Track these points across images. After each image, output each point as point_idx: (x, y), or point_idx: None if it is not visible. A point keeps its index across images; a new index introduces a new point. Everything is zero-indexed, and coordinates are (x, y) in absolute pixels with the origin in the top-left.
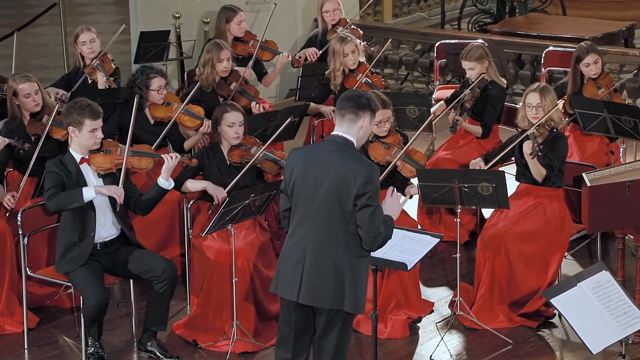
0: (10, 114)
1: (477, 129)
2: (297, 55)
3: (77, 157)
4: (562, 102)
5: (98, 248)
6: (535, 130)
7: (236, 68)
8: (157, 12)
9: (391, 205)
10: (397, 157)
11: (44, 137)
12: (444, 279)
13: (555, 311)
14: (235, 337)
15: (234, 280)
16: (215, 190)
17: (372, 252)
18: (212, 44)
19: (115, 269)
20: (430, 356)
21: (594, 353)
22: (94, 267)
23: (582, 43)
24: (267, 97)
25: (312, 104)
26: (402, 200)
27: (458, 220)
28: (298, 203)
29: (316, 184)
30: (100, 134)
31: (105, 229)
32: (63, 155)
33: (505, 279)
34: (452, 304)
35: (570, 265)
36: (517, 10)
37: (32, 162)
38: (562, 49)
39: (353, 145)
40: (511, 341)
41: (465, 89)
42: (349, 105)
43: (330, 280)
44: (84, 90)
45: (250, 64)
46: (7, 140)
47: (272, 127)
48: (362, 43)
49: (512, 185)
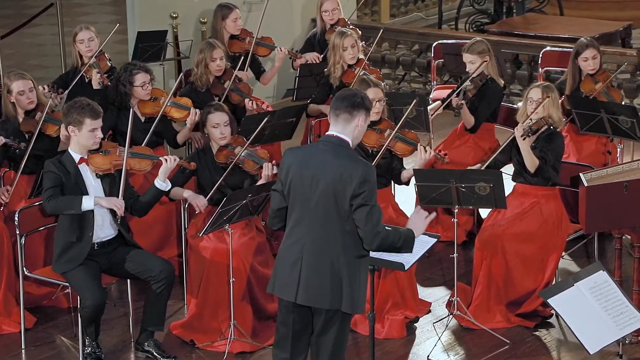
0: (5, 112)
1: (472, 120)
2: (295, 50)
3: (76, 157)
4: (560, 100)
5: (95, 248)
6: (530, 120)
7: (235, 73)
8: (154, 12)
9: (415, 220)
10: (390, 137)
11: (36, 133)
12: (442, 279)
13: (553, 311)
14: (233, 337)
15: (231, 280)
16: (195, 199)
17: (373, 251)
18: (205, 43)
19: (113, 269)
20: (428, 356)
21: (591, 353)
22: (92, 267)
23: (583, 38)
24: (264, 97)
25: (314, 105)
26: (428, 217)
27: (455, 220)
28: (295, 203)
29: (312, 184)
30: (99, 134)
31: (103, 229)
32: (62, 155)
33: (502, 279)
34: (449, 304)
35: (567, 266)
36: (514, 11)
37: (25, 160)
38: (560, 49)
39: (348, 145)
40: (508, 341)
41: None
42: (344, 105)
43: (328, 280)
44: (80, 89)
45: (247, 62)
46: (4, 140)
47: (269, 127)
48: (361, 43)
49: (508, 185)
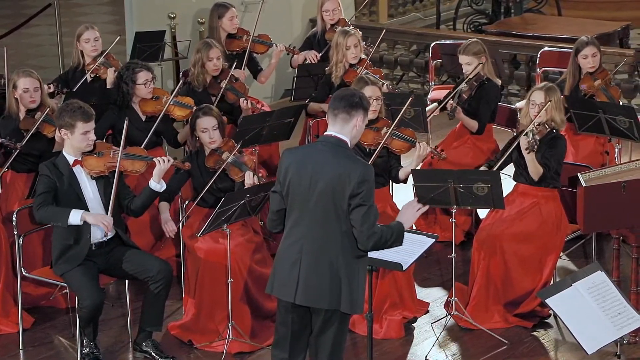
0: (8, 108)
1: (474, 123)
2: (292, 46)
3: (70, 159)
4: None
5: (93, 249)
6: (534, 127)
7: (232, 72)
8: (152, 12)
9: (406, 212)
10: (387, 135)
11: (32, 131)
12: (440, 279)
13: (551, 311)
14: (231, 337)
15: (229, 280)
16: (165, 223)
17: (368, 251)
18: (202, 43)
19: (111, 269)
20: (426, 356)
21: (589, 353)
22: (89, 267)
23: (583, 36)
24: (262, 97)
25: (314, 103)
26: (419, 210)
27: (453, 220)
28: (293, 204)
29: (311, 184)
30: (92, 136)
31: (100, 230)
32: (56, 158)
33: (500, 279)
34: (447, 304)
35: (565, 266)
36: (512, 11)
37: (12, 157)
38: (558, 49)
39: (347, 145)
40: (506, 341)
41: (463, 82)
42: (342, 105)
43: (327, 280)
44: (83, 89)
45: (244, 60)
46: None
47: (267, 128)
48: (362, 44)
49: (508, 185)
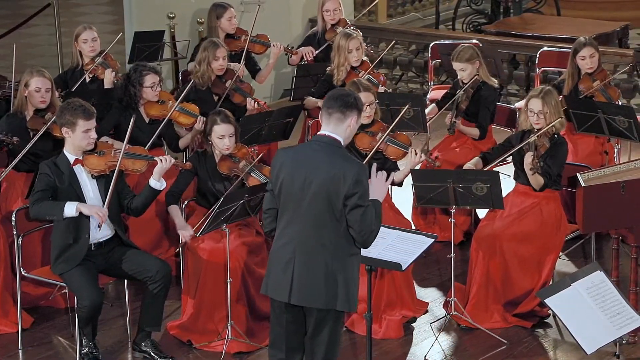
0: (15, 106)
1: (475, 131)
2: (291, 46)
3: (71, 158)
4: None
5: (92, 249)
6: (536, 138)
7: (230, 66)
8: (151, 12)
9: (377, 186)
10: (381, 140)
11: (42, 131)
12: (439, 279)
13: (550, 311)
14: (230, 337)
15: (228, 280)
16: (182, 229)
17: (364, 249)
18: (209, 42)
19: (110, 269)
20: (425, 356)
21: (589, 353)
22: (88, 267)
23: (581, 37)
24: (261, 97)
25: (310, 98)
26: (388, 180)
27: (453, 220)
28: (286, 203)
29: (304, 184)
30: (94, 135)
31: (100, 229)
32: (57, 157)
33: (500, 279)
34: (446, 304)
35: (564, 266)
36: (511, 11)
37: (21, 156)
38: (557, 49)
39: (341, 145)
40: (506, 341)
41: (457, 90)
42: (337, 105)
43: (321, 280)
44: (81, 89)
45: (242, 59)
46: None
47: (266, 127)
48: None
49: (508, 184)
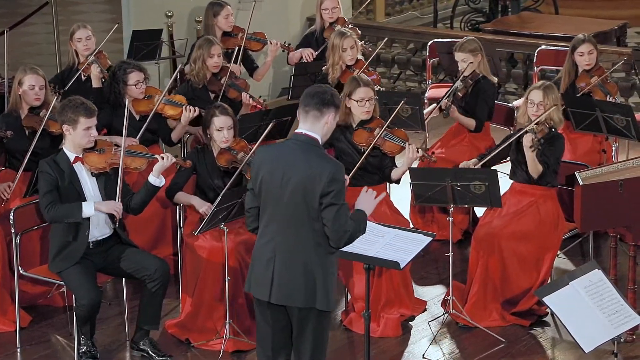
0: (10, 104)
1: (470, 122)
2: (288, 43)
3: (71, 156)
4: None
5: (91, 247)
6: (534, 127)
7: (227, 65)
8: (149, 10)
9: (365, 201)
10: (378, 135)
11: (40, 131)
12: (437, 277)
13: (548, 310)
14: (228, 335)
15: (226, 279)
16: (202, 205)
17: (337, 248)
18: (203, 39)
19: (108, 267)
20: (423, 355)
21: (587, 352)
22: (87, 266)
23: (580, 34)
24: (259, 96)
25: None
26: (377, 198)
27: (451, 219)
28: (266, 202)
29: (282, 182)
30: (94, 132)
31: (98, 228)
32: (56, 155)
33: (498, 278)
34: (444, 303)
35: (562, 264)
36: (509, 9)
37: (18, 154)
38: (555, 47)
39: (318, 143)
40: (504, 340)
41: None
42: (313, 102)
43: (301, 279)
44: (76, 87)
45: (239, 57)
46: None
47: (264, 126)
48: (360, 43)
49: (505, 183)
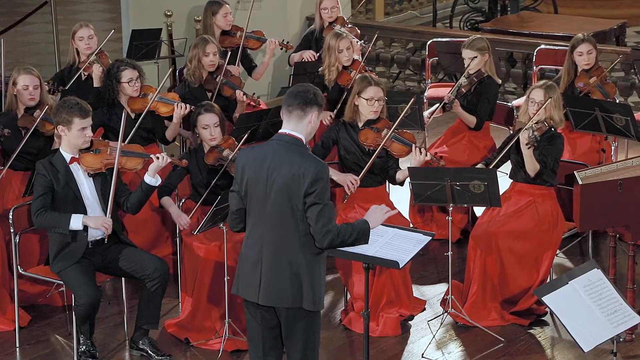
0: (7, 105)
1: (471, 118)
2: (286, 41)
3: (67, 157)
4: None
5: (90, 246)
6: (533, 125)
7: (227, 67)
8: (148, 10)
9: (375, 214)
10: (387, 137)
11: (32, 129)
12: (436, 277)
13: (547, 309)
14: (227, 335)
15: (225, 278)
16: (178, 217)
17: (324, 249)
18: (199, 38)
19: (107, 267)
20: (422, 354)
21: (586, 351)
22: (86, 265)
23: (579, 34)
24: (258, 95)
25: None
26: (387, 213)
27: (450, 218)
28: (252, 203)
29: (267, 184)
30: (89, 133)
31: (100, 230)
32: (53, 156)
33: (497, 277)
34: (444, 302)
35: (561, 263)
36: (508, 9)
37: (15, 154)
38: (554, 47)
39: (301, 143)
40: (503, 339)
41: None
42: (296, 102)
43: (287, 280)
44: (76, 86)
45: (238, 56)
46: None
47: (263, 126)
48: (358, 42)
49: (505, 183)
